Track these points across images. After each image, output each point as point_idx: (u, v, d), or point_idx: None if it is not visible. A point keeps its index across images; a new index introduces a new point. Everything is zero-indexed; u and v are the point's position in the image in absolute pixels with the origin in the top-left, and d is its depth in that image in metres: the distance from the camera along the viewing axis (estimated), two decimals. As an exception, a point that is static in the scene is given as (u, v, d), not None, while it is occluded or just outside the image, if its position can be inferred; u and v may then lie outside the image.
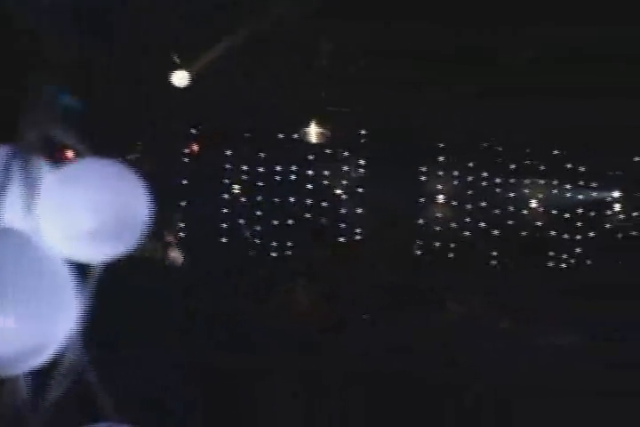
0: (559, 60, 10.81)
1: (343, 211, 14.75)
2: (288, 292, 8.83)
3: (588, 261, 15.51)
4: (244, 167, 14.57)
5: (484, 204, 15.50)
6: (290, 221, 14.33)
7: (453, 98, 12.24)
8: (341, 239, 14.11)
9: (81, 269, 2.33)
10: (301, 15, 9.75)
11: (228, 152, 14.50)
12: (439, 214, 15.34)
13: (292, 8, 9.37)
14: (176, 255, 10.98)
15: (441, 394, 6.26)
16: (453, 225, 15.29)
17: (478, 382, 6.30)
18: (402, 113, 12.94)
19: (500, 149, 15.36)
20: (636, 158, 16.33)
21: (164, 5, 9.96)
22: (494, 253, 14.18)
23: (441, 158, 15.33)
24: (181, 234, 13.38)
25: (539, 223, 15.77)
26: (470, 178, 15.49)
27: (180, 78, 11.95)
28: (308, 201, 14.66)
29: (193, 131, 14.07)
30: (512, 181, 15.66)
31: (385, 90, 11.91)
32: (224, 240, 14.09)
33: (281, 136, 14.32)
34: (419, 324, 7.61)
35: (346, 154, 14.83)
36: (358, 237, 14.43)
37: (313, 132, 12.73)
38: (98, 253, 2.44)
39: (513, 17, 9.63)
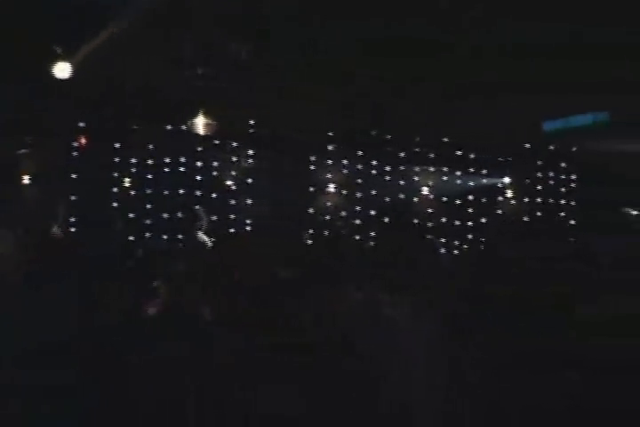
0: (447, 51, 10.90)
1: (233, 202, 14.67)
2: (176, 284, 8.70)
3: (481, 247, 15.69)
4: (133, 160, 14.37)
5: (374, 192, 15.60)
6: (179, 214, 14.20)
7: (342, 86, 12.24)
8: (231, 230, 14.02)
9: None
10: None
11: (117, 145, 14.28)
12: (329, 203, 15.39)
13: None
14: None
15: (336, 381, 6.25)
16: (344, 214, 15.35)
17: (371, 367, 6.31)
18: (289, 103, 12.87)
19: (389, 137, 15.44)
20: (527, 145, 16.62)
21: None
22: (386, 241, 14.21)
23: (330, 147, 15.40)
24: (71, 229, 13.20)
25: (430, 210, 15.92)
26: (360, 166, 15.59)
27: (62, 70, 11.71)
28: (198, 193, 14.55)
29: (81, 124, 13.81)
30: (402, 168, 15.78)
31: (272, 80, 11.86)
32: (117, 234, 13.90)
33: (169, 128, 14.16)
34: (312, 311, 7.59)
35: (234, 144, 14.76)
36: (248, 228, 14.37)
37: (201, 123, 12.54)
38: None
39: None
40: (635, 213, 16.90)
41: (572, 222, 17.11)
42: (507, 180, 16.69)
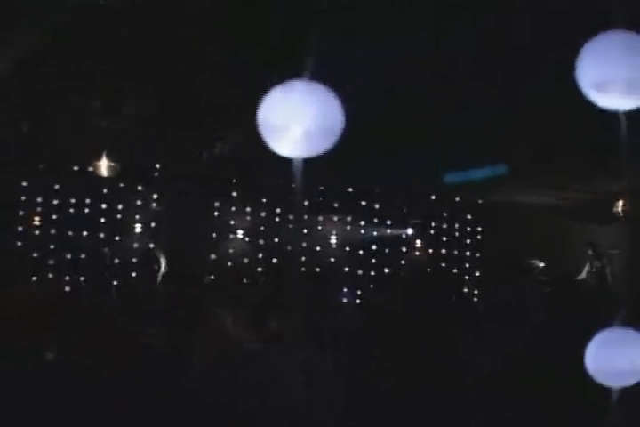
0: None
1: (136, 245, 14.71)
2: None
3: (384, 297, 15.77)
4: (39, 199, 14.34)
5: (277, 239, 15.68)
6: (82, 255, 14.18)
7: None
8: (134, 274, 13.97)
9: None
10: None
11: (24, 183, 14.24)
12: (232, 250, 15.47)
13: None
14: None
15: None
16: (246, 260, 15.43)
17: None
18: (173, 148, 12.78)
19: (293, 185, 15.46)
20: (433, 197, 16.81)
21: None
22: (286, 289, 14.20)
23: (234, 194, 15.48)
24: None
25: (332, 259, 16.01)
26: (264, 214, 15.70)
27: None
28: (102, 235, 14.54)
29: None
30: (306, 217, 15.87)
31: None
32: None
33: (76, 169, 14.13)
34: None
35: (140, 188, 14.81)
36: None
37: (105, 166, 12.48)
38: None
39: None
40: (541, 264, 17.14)
41: (477, 274, 17.30)
42: (410, 231, 16.87)
